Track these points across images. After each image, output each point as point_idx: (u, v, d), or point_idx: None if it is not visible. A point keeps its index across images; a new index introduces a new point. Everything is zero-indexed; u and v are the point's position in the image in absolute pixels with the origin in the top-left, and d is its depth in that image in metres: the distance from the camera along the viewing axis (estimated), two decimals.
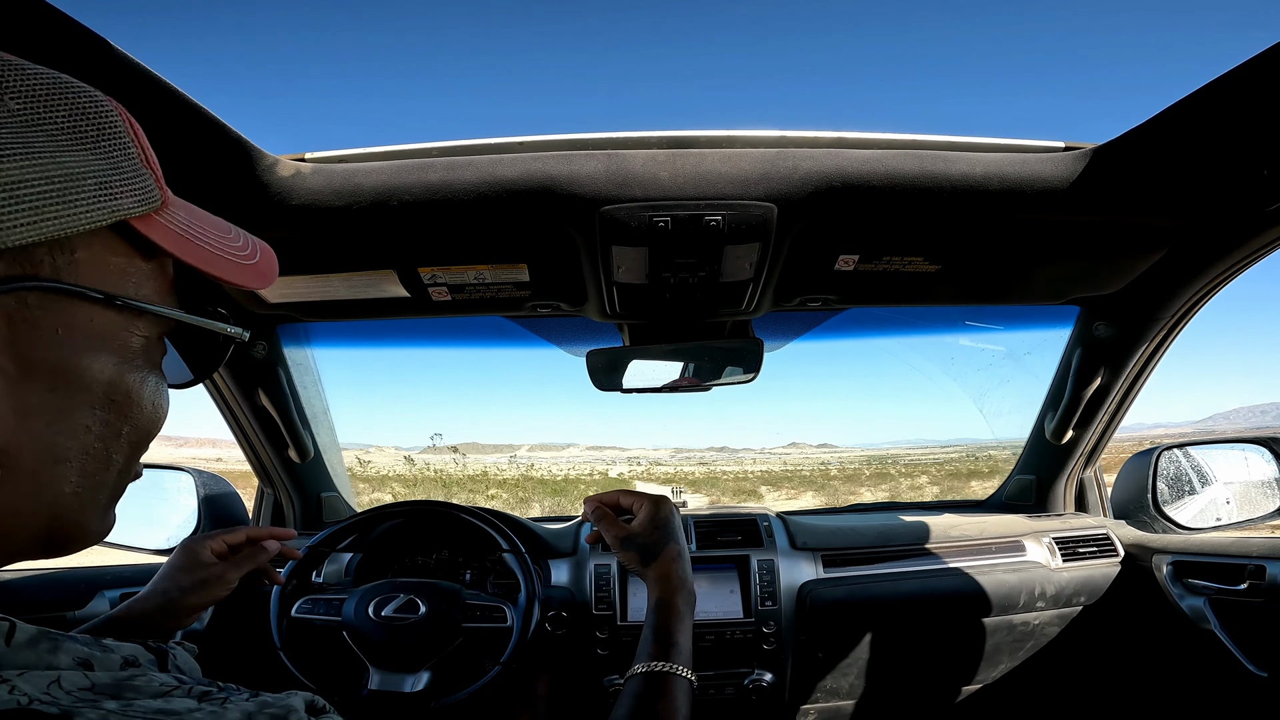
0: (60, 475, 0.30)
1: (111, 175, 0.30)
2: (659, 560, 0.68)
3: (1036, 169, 0.79)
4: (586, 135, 0.79)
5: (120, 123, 0.32)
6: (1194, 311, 1.05)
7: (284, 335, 1.21)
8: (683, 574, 0.68)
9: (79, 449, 0.30)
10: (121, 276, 0.32)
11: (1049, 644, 1.21)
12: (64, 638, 0.30)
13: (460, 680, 0.90)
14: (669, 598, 0.65)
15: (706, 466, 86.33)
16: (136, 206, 0.32)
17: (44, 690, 0.25)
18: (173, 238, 0.34)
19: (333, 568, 1.13)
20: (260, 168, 0.72)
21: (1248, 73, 0.61)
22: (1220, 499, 1.31)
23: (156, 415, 0.35)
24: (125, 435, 0.33)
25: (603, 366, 1.16)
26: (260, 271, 0.40)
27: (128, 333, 0.32)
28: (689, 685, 0.59)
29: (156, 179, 0.34)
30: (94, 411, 0.31)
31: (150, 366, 0.34)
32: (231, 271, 0.37)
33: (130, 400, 0.32)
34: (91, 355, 0.30)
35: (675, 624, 0.63)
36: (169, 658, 0.36)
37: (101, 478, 0.32)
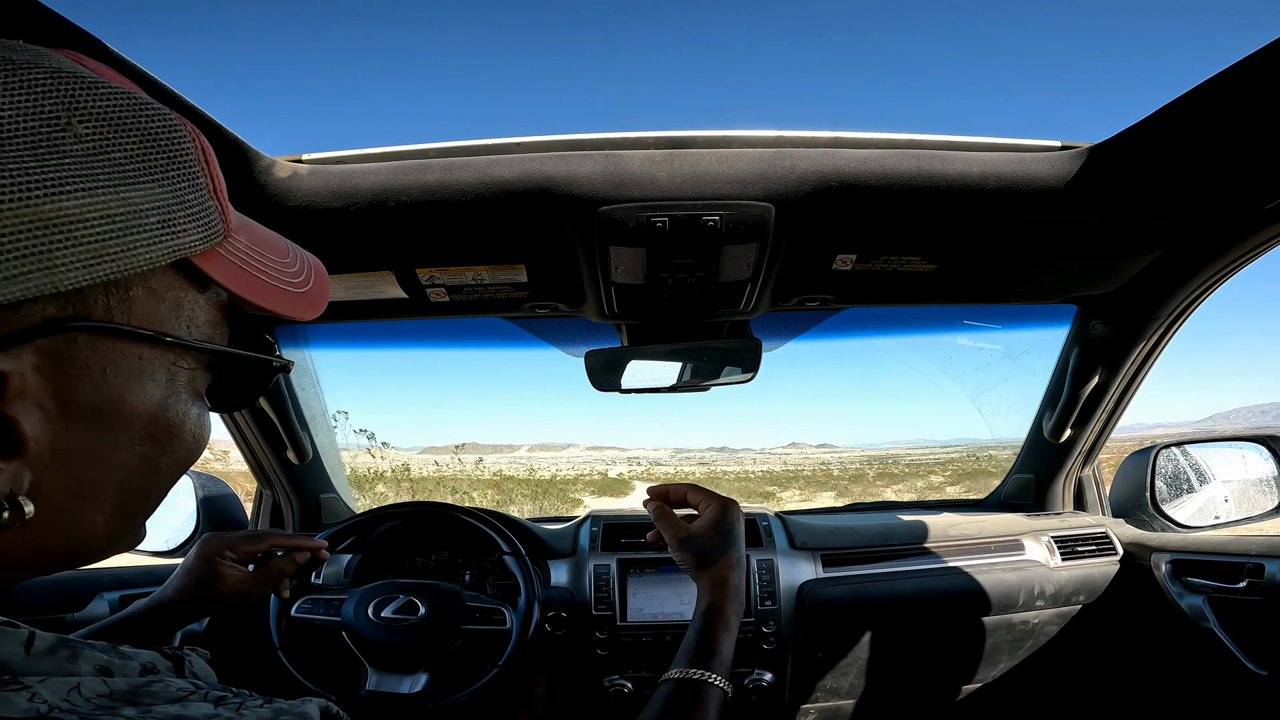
0: (92, 509, 0.29)
1: (176, 210, 0.29)
2: (716, 566, 0.67)
3: (1033, 168, 0.79)
4: (584, 136, 0.79)
5: (193, 150, 0.31)
6: (1191, 310, 1.05)
7: (282, 337, 1.21)
8: (738, 583, 0.66)
9: (114, 485, 0.29)
10: (174, 312, 0.30)
11: (1048, 643, 1.21)
12: (83, 645, 0.29)
13: (458, 681, 0.90)
14: (720, 605, 0.63)
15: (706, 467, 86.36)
16: (199, 243, 0.30)
17: (64, 697, 0.25)
18: (231, 272, 0.32)
19: (332, 569, 1.13)
20: (257, 169, 0.72)
21: (1243, 71, 0.61)
22: (1219, 497, 1.32)
23: (197, 446, 0.34)
24: (164, 468, 0.32)
25: (601, 367, 1.16)
26: (312, 300, 0.38)
27: (175, 367, 0.31)
28: (723, 695, 0.57)
29: (222, 209, 0.32)
30: (133, 447, 0.30)
31: (194, 397, 0.33)
32: (285, 304, 0.36)
33: (171, 434, 0.31)
34: (136, 392, 0.29)
35: (721, 633, 0.61)
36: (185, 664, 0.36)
37: (134, 510, 0.32)
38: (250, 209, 0.75)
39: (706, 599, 0.65)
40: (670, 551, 0.71)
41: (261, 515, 1.38)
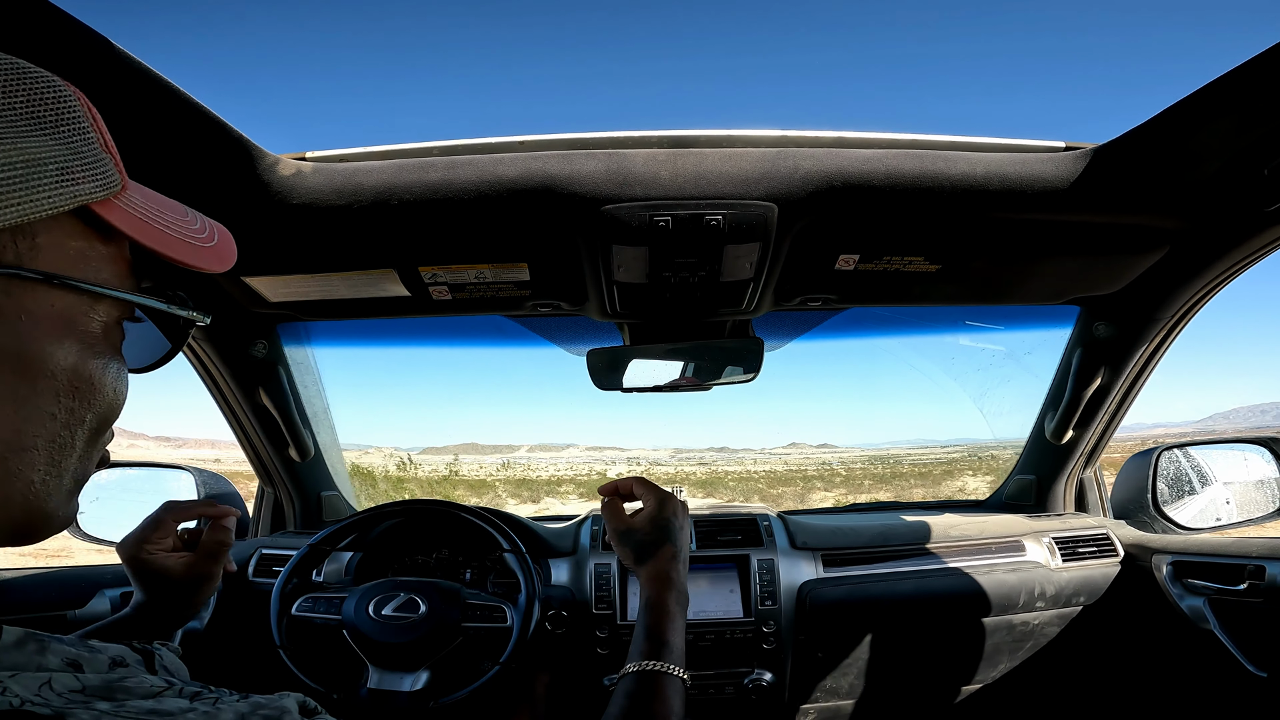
0: (28, 463, 0.30)
1: (72, 160, 0.30)
2: (654, 559, 0.67)
3: (1037, 169, 0.79)
4: (587, 135, 0.79)
5: (79, 107, 0.32)
6: (1194, 311, 1.05)
7: (284, 334, 1.21)
8: (675, 575, 0.66)
9: (46, 436, 0.31)
10: (81, 260, 0.32)
11: (1048, 644, 1.21)
12: (50, 639, 0.30)
13: (459, 679, 0.90)
14: (659, 597, 0.64)
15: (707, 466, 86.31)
16: (97, 191, 0.32)
17: (35, 692, 0.26)
18: (131, 221, 0.34)
19: (333, 567, 1.13)
20: (261, 167, 0.72)
21: (1248, 73, 0.61)
22: (1220, 499, 1.31)
23: (117, 400, 0.35)
24: (88, 421, 0.33)
25: (603, 366, 1.16)
26: (218, 254, 0.39)
27: (88, 317, 0.32)
28: (681, 684, 0.58)
29: (116, 163, 0.34)
30: (58, 399, 0.31)
31: (111, 351, 0.34)
32: (189, 254, 0.37)
33: (93, 386, 0.32)
34: (54, 341, 0.30)
35: (666, 624, 0.62)
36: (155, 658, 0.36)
37: (66, 464, 0.32)
38: (254, 207, 0.75)
39: (646, 592, 0.65)
40: (612, 544, 0.72)
41: (263, 513, 1.38)
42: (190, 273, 0.37)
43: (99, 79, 0.56)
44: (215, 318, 1.05)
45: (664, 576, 0.66)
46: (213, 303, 1.02)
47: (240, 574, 1.13)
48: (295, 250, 0.87)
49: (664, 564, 0.67)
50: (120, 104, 0.59)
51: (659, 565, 0.67)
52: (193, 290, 0.98)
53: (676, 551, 0.69)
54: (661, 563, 0.67)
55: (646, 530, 0.70)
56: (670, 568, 0.67)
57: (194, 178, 0.70)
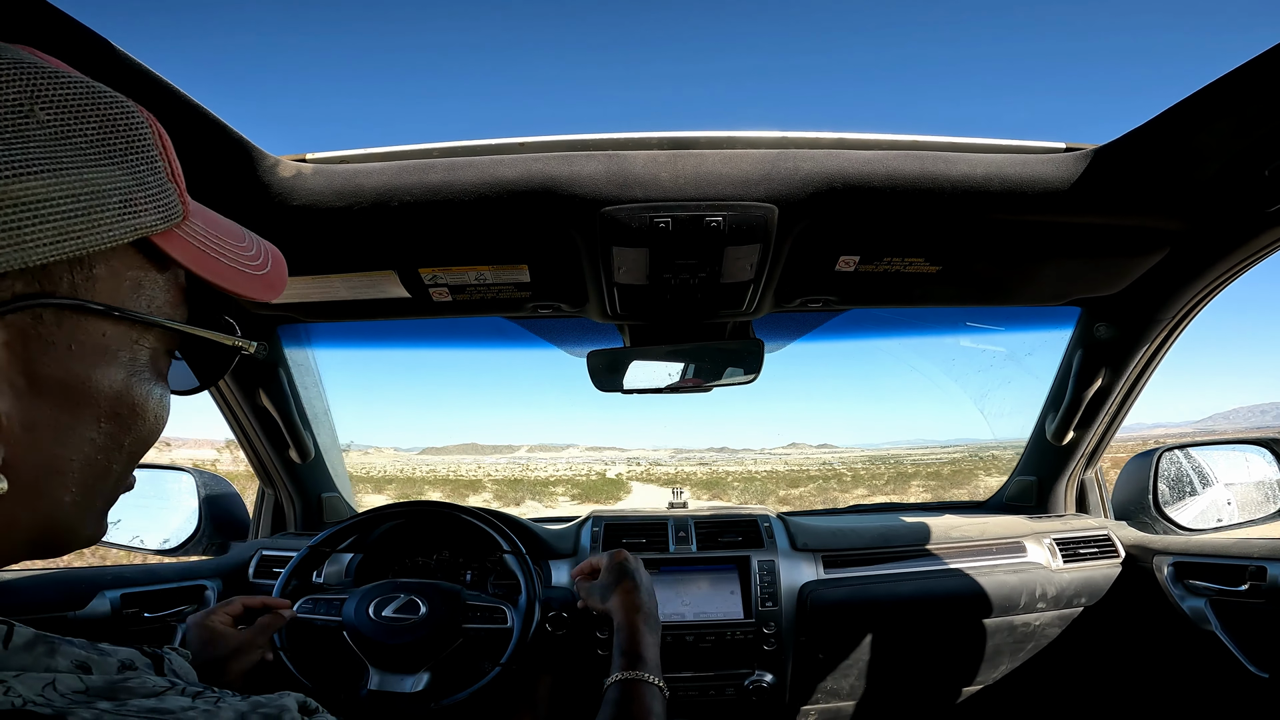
0: (60, 486, 0.30)
1: (136, 191, 0.30)
2: (616, 592, 0.80)
3: (1037, 170, 0.79)
4: (587, 136, 0.79)
5: (150, 135, 0.32)
6: (1195, 312, 1.05)
7: (285, 336, 1.21)
8: (638, 600, 0.77)
9: (81, 461, 0.30)
10: (135, 290, 0.31)
11: (1050, 645, 1.21)
12: (61, 641, 0.30)
13: (460, 681, 0.90)
14: (627, 619, 0.75)
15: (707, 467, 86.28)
16: (159, 223, 0.31)
17: (39, 692, 0.26)
18: (190, 252, 0.34)
19: (333, 568, 1.13)
20: (261, 168, 0.72)
21: (1248, 74, 0.61)
22: (1221, 500, 1.31)
23: (158, 425, 0.35)
24: (126, 446, 0.33)
25: (603, 367, 1.16)
26: (270, 282, 0.39)
27: (138, 346, 0.32)
28: (660, 692, 0.67)
29: (180, 192, 0.33)
30: (98, 424, 0.31)
31: (156, 378, 0.34)
32: (243, 284, 0.37)
33: (135, 413, 0.32)
34: (101, 369, 0.30)
35: (637, 640, 0.71)
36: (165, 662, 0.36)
37: (100, 486, 0.32)
38: (254, 208, 0.75)
39: (616, 618, 0.76)
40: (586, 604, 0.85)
41: (263, 514, 1.38)
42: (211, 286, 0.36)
43: (98, 80, 0.56)
44: (216, 319, 1.05)
45: (629, 603, 0.77)
46: (212, 304, 1.01)
47: (241, 575, 1.13)
48: (295, 252, 0.87)
49: (626, 594, 0.78)
50: None
51: (622, 595, 0.79)
52: (192, 290, 0.97)
53: (636, 584, 0.80)
54: (623, 594, 0.79)
55: (606, 578, 0.84)
56: (632, 596, 0.78)
57: (194, 179, 0.70)
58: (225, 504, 1.32)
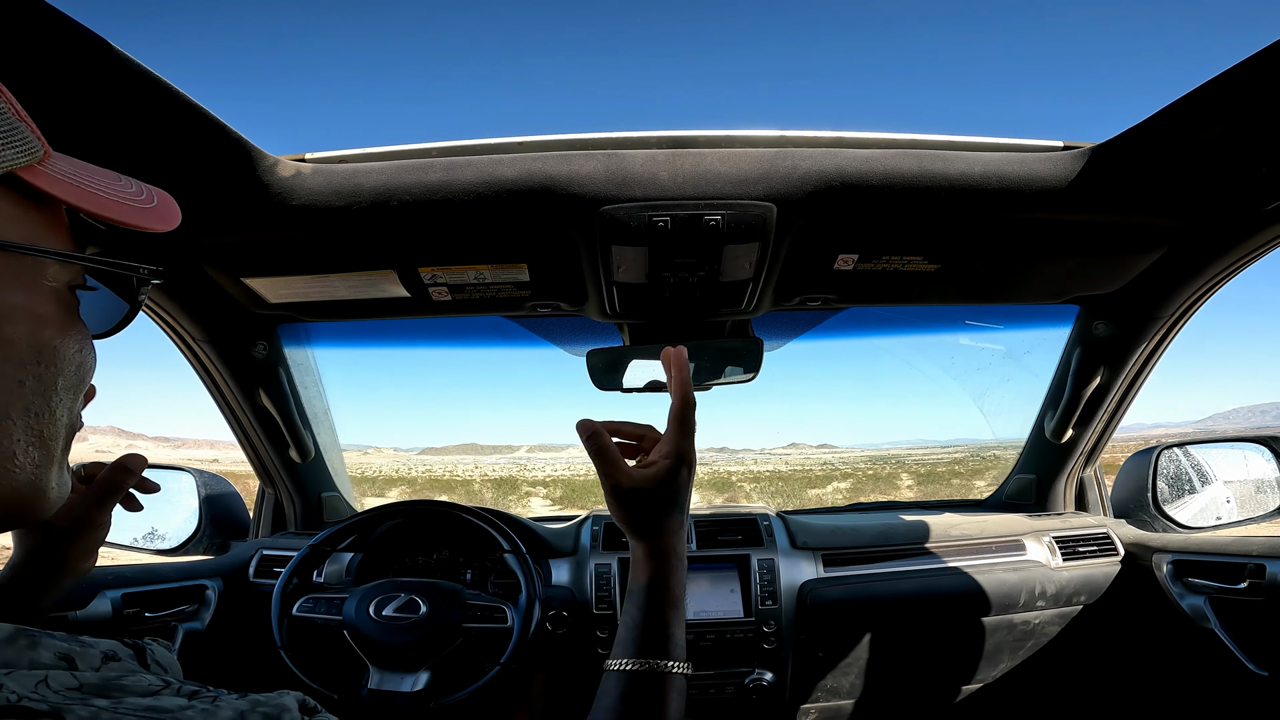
0: (6, 433, 0.31)
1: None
2: (662, 532, 0.53)
3: (1035, 168, 0.79)
4: (586, 135, 0.79)
5: None
6: (1193, 310, 1.05)
7: (284, 335, 1.21)
8: (683, 552, 0.54)
9: (21, 405, 0.31)
10: (18, 227, 0.32)
11: (1049, 643, 1.21)
12: (42, 634, 0.30)
13: (460, 680, 0.90)
14: (665, 580, 0.51)
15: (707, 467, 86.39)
16: (20, 157, 0.32)
17: (32, 689, 0.26)
18: (62, 185, 0.34)
19: (334, 568, 1.13)
20: (261, 168, 0.72)
21: (1245, 71, 0.61)
22: (1220, 498, 1.31)
23: (84, 364, 0.35)
24: (60, 386, 0.33)
25: (603, 366, 1.16)
26: (159, 214, 0.39)
27: (37, 284, 0.33)
28: (685, 682, 0.49)
29: (34, 131, 0.34)
30: (24, 368, 0.31)
31: (67, 316, 0.35)
32: (127, 214, 0.37)
33: (55, 350, 0.33)
34: (7, 309, 0.31)
35: (671, 613, 0.50)
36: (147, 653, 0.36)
37: (50, 431, 0.33)
38: (253, 207, 0.76)
39: (647, 572, 0.52)
40: (605, 501, 0.55)
41: (264, 514, 1.38)
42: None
43: (98, 81, 0.56)
44: (215, 319, 1.06)
45: (673, 553, 0.53)
46: (213, 304, 1.02)
47: (241, 575, 1.13)
48: (295, 251, 0.87)
49: (672, 539, 0.53)
50: (119, 105, 0.59)
51: (667, 540, 0.53)
52: (192, 291, 0.98)
53: (684, 522, 0.55)
54: (669, 538, 0.53)
55: (656, 494, 0.53)
56: (675, 540, 0.53)
57: (193, 179, 0.71)
58: (225, 504, 1.32)
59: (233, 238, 0.83)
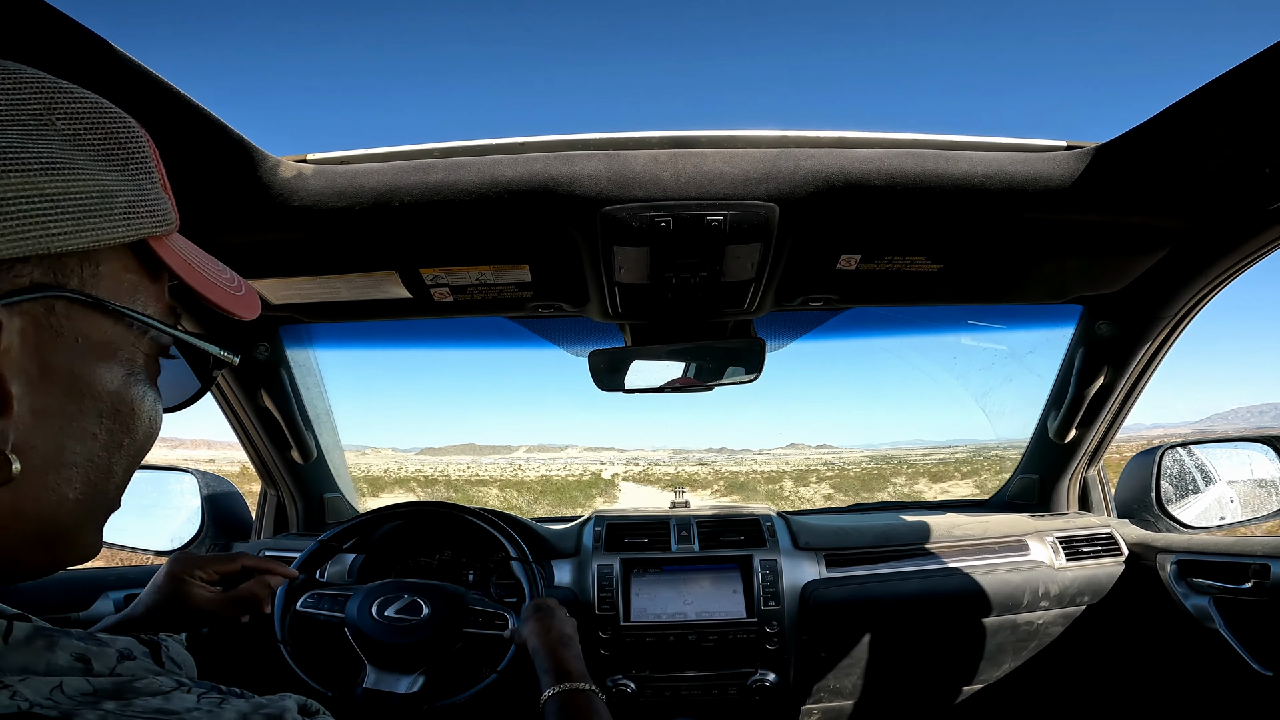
0: (66, 480, 0.31)
1: (136, 197, 0.33)
2: (529, 624, 0.82)
3: (1038, 168, 0.79)
4: (588, 136, 0.79)
5: (147, 148, 0.35)
6: (1197, 310, 1.05)
7: (286, 337, 1.21)
8: (549, 625, 0.80)
9: (85, 455, 0.32)
10: (132, 294, 0.34)
11: (1052, 643, 1.21)
12: (59, 634, 0.30)
13: (456, 684, 0.90)
14: (542, 645, 0.77)
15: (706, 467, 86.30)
16: (156, 228, 0.34)
17: (45, 695, 0.26)
18: (178, 261, 0.36)
19: (336, 568, 1.13)
20: (262, 169, 0.72)
21: (1249, 71, 0.61)
22: (1224, 498, 1.31)
23: (153, 430, 0.36)
24: (126, 447, 0.34)
25: (605, 367, 1.16)
26: (248, 303, 0.42)
27: (134, 347, 0.34)
28: (597, 696, 0.69)
29: (172, 204, 0.36)
30: (101, 420, 0.32)
31: (149, 381, 0.36)
32: (224, 299, 0.39)
33: (133, 412, 0.34)
34: (104, 366, 0.32)
35: (558, 658, 0.74)
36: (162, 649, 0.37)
37: (102, 488, 0.33)
38: (255, 209, 0.75)
39: (531, 644, 0.79)
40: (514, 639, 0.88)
41: (266, 514, 1.38)
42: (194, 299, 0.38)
43: (99, 82, 0.56)
44: (218, 321, 1.06)
45: (540, 629, 0.80)
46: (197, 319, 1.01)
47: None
48: (297, 252, 0.87)
49: (539, 622, 0.81)
50: (121, 107, 0.59)
51: (535, 623, 0.81)
52: (194, 292, 0.98)
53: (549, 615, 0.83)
54: (536, 622, 0.81)
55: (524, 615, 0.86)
56: (545, 622, 0.81)
57: (195, 180, 0.71)
58: (227, 503, 1.32)
59: (234, 239, 0.83)
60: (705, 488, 60.31)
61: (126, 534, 1.21)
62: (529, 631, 0.81)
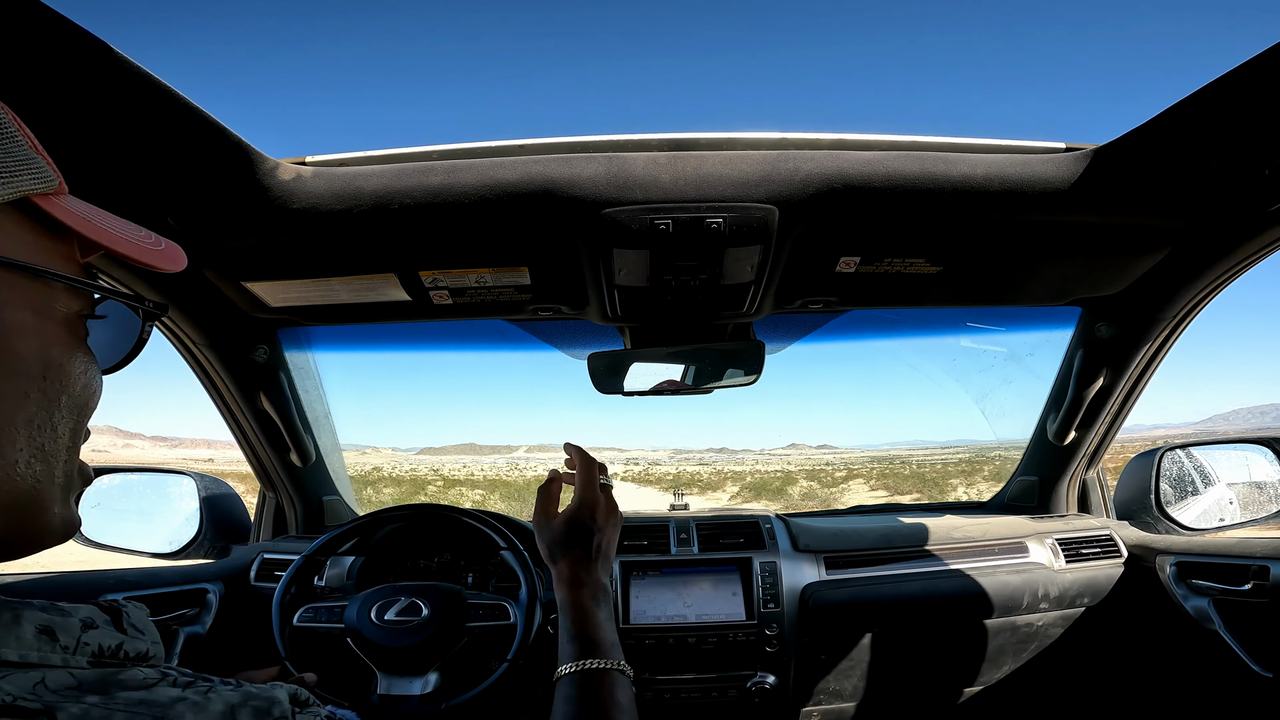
0: (10, 442, 0.31)
1: (4, 160, 0.32)
2: (563, 559, 0.66)
3: (1037, 170, 0.79)
4: (587, 138, 0.79)
5: (4, 115, 0.34)
6: (1196, 312, 1.05)
7: (285, 339, 1.21)
8: (585, 575, 0.64)
9: (23, 416, 0.31)
10: (30, 251, 0.33)
11: (1052, 645, 1.21)
12: (22, 605, 0.30)
13: (468, 680, 0.90)
14: (572, 597, 0.62)
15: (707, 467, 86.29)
16: (34, 185, 0.33)
17: (30, 690, 0.26)
18: (75, 218, 0.35)
19: (334, 571, 1.13)
20: (261, 171, 0.72)
21: (1248, 73, 0.61)
22: (1224, 499, 1.31)
23: (88, 392, 0.36)
24: (64, 404, 0.34)
25: (604, 369, 1.16)
26: (167, 255, 0.40)
27: (49, 307, 0.33)
28: (626, 679, 0.56)
29: (50, 165, 0.35)
30: (29, 379, 0.32)
31: (76, 343, 0.35)
32: (135, 251, 0.38)
33: (62, 370, 0.33)
34: (17, 325, 0.32)
35: (588, 621, 0.60)
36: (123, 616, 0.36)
37: (51, 449, 0.33)
38: (254, 211, 0.75)
39: (559, 594, 0.64)
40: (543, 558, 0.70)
41: (265, 517, 1.38)
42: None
43: (97, 84, 0.56)
44: (215, 323, 1.05)
45: (573, 578, 0.64)
46: (213, 309, 1.02)
47: (243, 578, 1.13)
48: (295, 255, 0.87)
49: (571, 565, 0.65)
50: (119, 109, 0.59)
51: (567, 568, 0.65)
52: (193, 295, 0.98)
53: (586, 553, 0.66)
54: (569, 565, 0.65)
55: (561, 529, 0.67)
56: (578, 568, 0.65)
57: (194, 183, 0.70)
58: (225, 505, 1.32)
59: (233, 242, 0.82)
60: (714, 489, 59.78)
61: (124, 537, 1.21)
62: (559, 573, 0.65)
